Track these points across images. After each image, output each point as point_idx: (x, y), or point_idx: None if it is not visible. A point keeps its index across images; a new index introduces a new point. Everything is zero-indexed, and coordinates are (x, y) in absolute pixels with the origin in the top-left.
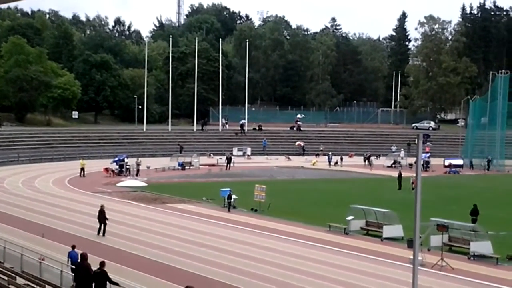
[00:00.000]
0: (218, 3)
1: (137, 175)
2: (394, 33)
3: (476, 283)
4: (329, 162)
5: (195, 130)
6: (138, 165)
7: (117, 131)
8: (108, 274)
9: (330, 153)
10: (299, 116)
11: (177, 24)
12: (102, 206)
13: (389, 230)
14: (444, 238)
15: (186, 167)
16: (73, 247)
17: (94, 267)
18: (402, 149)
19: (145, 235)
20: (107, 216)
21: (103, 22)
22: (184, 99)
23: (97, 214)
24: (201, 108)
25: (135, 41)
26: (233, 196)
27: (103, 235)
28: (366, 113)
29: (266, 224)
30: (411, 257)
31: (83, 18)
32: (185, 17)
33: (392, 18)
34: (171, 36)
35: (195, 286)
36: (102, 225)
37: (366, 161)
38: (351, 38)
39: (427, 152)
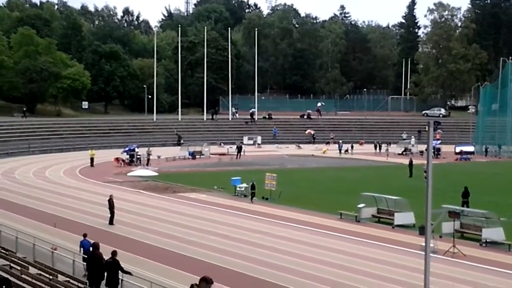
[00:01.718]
0: None
1: (147, 164)
2: (403, 20)
3: (488, 269)
4: (340, 150)
5: (205, 119)
6: (148, 154)
7: (127, 121)
8: (120, 263)
9: (340, 141)
10: (319, 104)
11: (185, 14)
12: (111, 196)
13: (400, 217)
14: (455, 225)
15: (197, 156)
16: (85, 235)
17: (106, 256)
18: (412, 137)
19: (156, 224)
20: (115, 205)
21: (111, 12)
22: (193, 89)
23: (107, 204)
24: (210, 97)
25: (144, 31)
26: (244, 185)
27: (111, 223)
28: (376, 101)
29: (277, 213)
30: (423, 244)
31: (91, 9)
32: (193, 6)
33: (402, 5)
34: (179, 25)
35: (209, 275)
36: (111, 214)
37: (377, 148)
38: (360, 26)
39: (438, 139)
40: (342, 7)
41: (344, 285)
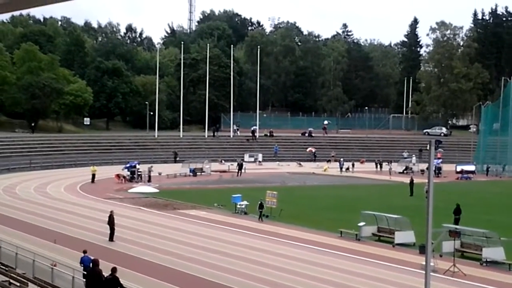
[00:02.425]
0: (229, 10)
1: (149, 181)
2: (405, 39)
3: None
4: (341, 168)
5: (206, 136)
6: (150, 171)
7: (128, 137)
8: (120, 279)
9: (341, 159)
10: (326, 122)
11: (188, 31)
12: (111, 212)
13: (401, 236)
14: (456, 244)
15: (198, 174)
16: (85, 252)
17: (106, 273)
18: (413, 155)
19: (157, 241)
20: (115, 222)
21: (114, 29)
22: (195, 106)
23: (107, 219)
24: (212, 114)
25: (146, 48)
26: (245, 202)
27: (111, 240)
28: (377, 119)
29: (278, 230)
30: (423, 263)
31: (95, 25)
32: (196, 23)
33: (404, 24)
34: (182, 42)
35: None
36: (111, 230)
37: (378, 166)
38: (362, 44)
39: (439, 158)
40: (345, 26)
41: None
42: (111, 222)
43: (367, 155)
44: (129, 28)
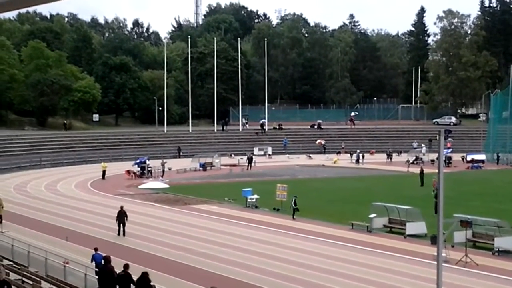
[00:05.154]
0: (235, 3)
1: (162, 175)
2: (413, 29)
3: (501, 278)
4: (358, 160)
5: (215, 130)
6: (162, 165)
7: (137, 133)
8: (132, 276)
9: (358, 150)
10: (353, 113)
11: (195, 25)
12: (121, 207)
13: (412, 227)
14: (468, 234)
15: (208, 168)
16: (96, 249)
17: (118, 269)
18: (423, 145)
19: (168, 236)
20: (127, 216)
21: (121, 24)
22: (204, 100)
23: (116, 215)
24: (221, 108)
25: (153, 43)
26: (256, 196)
27: (124, 235)
28: (386, 110)
29: (289, 224)
30: (435, 253)
31: (101, 21)
32: (203, 17)
33: (411, 13)
34: (189, 36)
35: (219, 287)
36: (121, 225)
37: (389, 157)
38: (369, 34)
39: (449, 148)
40: (352, 16)
41: None
42: (122, 217)
43: (377, 146)
44: (136, 23)
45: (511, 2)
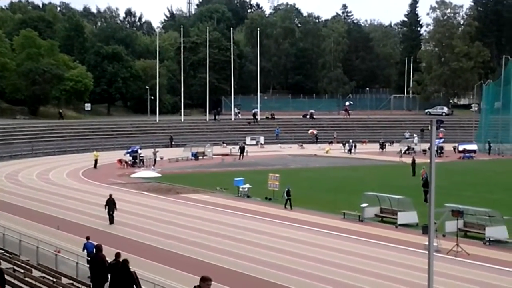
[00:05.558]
0: None
1: (154, 165)
2: (405, 19)
3: (492, 268)
4: (350, 150)
5: (208, 120)
6: (154, 154)
7: (130, 122)
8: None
9: (350, 140)
10: (347, 103)
11: (188, 14)
12: (110, 195)
13: (403, 217)
14: (459, 224)
15: (200, 157)
16: (88, 238)
17: (110, 258)
18: (415, 135)
19: (159, 225)
20: (115, 204)
21: (114, 14)
22: (196, 89)
23: (105, 203)
24: (213, 97)
25: (146, 32)
26: (247, 185)
27: (112, 222)
28: (379, 100)
29: (280, 213)
30: (426, 243)
31: (94, 10)
32: (195, 6)
33: (404, 4)
34: (182, 26)
35: (212, 276)
36: (111, 212)
37: (382, 147)
38: (362, 24)
39: (441, 138)
40: (344, 6)
41: (348, 285)
42: (111, 205)
43: (369, 136)
44: (128, 13)
45: None
